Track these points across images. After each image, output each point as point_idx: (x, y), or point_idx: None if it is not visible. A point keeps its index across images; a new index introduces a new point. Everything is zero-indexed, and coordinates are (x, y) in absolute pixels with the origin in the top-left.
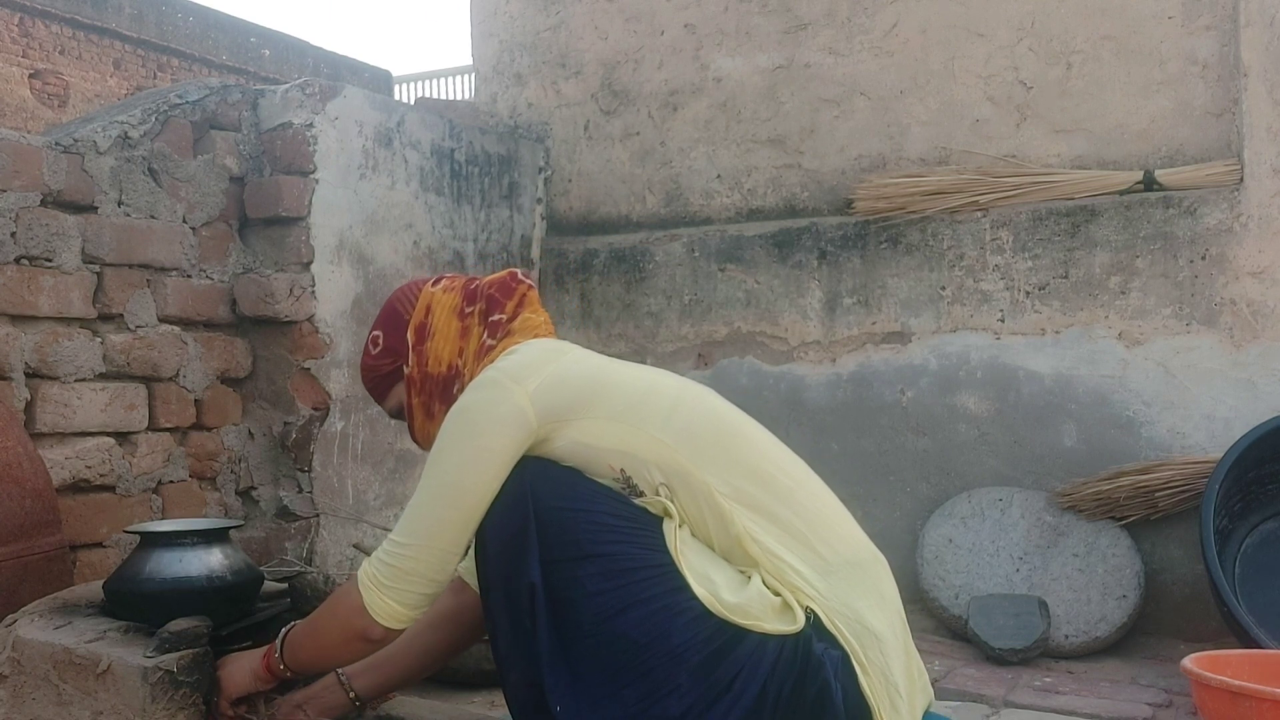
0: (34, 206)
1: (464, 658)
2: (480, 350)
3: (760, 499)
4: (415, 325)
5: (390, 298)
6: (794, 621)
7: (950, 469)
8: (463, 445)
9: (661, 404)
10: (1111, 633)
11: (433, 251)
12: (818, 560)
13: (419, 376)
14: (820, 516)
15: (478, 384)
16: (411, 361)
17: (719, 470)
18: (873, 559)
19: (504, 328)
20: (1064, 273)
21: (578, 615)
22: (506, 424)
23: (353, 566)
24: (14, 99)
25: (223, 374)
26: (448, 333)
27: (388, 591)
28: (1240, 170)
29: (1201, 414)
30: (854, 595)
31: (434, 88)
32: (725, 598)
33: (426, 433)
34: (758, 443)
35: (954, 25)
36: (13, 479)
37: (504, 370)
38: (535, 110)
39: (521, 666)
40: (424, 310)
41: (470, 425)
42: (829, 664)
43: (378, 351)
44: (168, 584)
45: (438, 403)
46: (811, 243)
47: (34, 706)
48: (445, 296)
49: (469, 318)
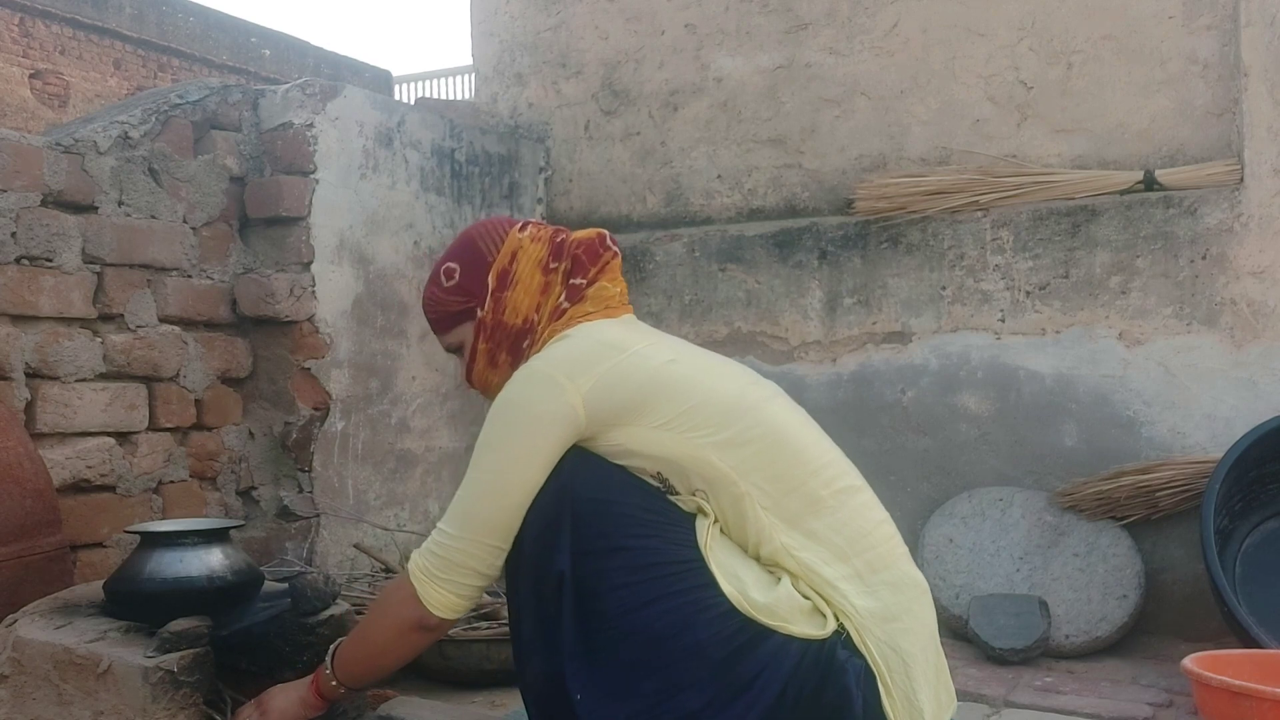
0: (34, 206)
1: (464, 657)
2: (555, 311)
3: (802, 514)
4: (498, 270)
5: (470, 233)
6: (822, 627)
7: (951, 469)
8: (512, 441)
9: (714, 413)
10: (1112, 632)
11: (433, 251)
12: (855, 579)
13: (492, 323)
14: (863, 535)
15: (530, 377)
16: (488, 306)
17: (764, 482)
18: (912, 583)
19: (581, 293)
20: (1064, 272)
21: (603, 606)
22: (556, 422)
23: (353, 567)
24: (14, 99)
25: (223, 374)
26: (530, 285)
27: (440, 583)
28: (1241, 170)
29: (1202, 413)
30: (888, 616)
31: (434, 88)
32: (753, 596)
33: (485, 379)
34: (810, 455)
35: (954, 25)
36: (13, 479)
37: (558, 365)
38: (536, 110)
39: (543, 655)
40: (509, 256)
41: (521, 421)
42: (851, 671)
43: (450, 286)
44: (168, 584)
45: (505, 353)
46: (812, 243)
47: (35, 706)
48: (532, 247)
49: (552, 274)
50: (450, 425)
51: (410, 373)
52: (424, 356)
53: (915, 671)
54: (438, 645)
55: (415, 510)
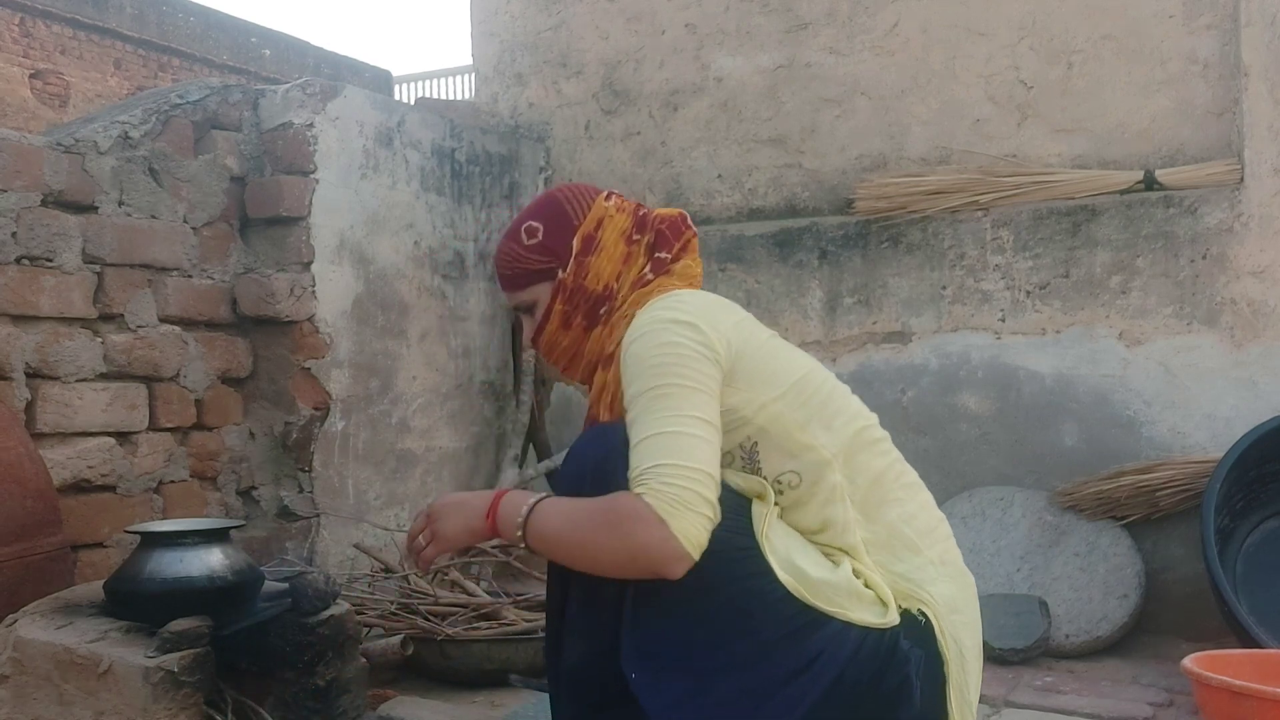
0: (35, 206)
1: (464, 657)
2: (638, 281)
3: (880, 506)
4: (584, 234)
5: (556, 195)
6: (883, 616)
7: (951, 469)
8: (684, 377)
9: (819, 398)
10: (1113, 632)
11: (433, 251)
12: (930, 566)
13: (573, 286)
14: (930, 530)
15: (671, 322)
16: (570, 269)
17: (854, 473)
18: (969, 580)
19: (666, 266)
20: (1065, 272)
21: (661, 590)
22: (706, 361)
23: (354, 567)
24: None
25: (224, 374)
26: (613, 254)
27: (694, 516)
28: (1241, 170)
29: (1202, 413)
30: (954, 608)
31: (434, 88)
32: (811, 583)
33: (555, 340)
34: (885, 448)
35: (955, 25)
36: (14, 479)
37: (691, 313)
38: (536, 110)
39: (589, 635)
40: (596, 223)
41: (684, 357)
42: (914, 661)
43: (532, 244)
44: (169, 584)
45: (581, 316)
46: (812, 242)
47: (35, 706)
48: (618, 216)
49: (635, 244)
50: (450, 425)
51: (410, 373)
52: (424, 356)
53: (970, 667)
54: (438, 645)
55: (415, 510)
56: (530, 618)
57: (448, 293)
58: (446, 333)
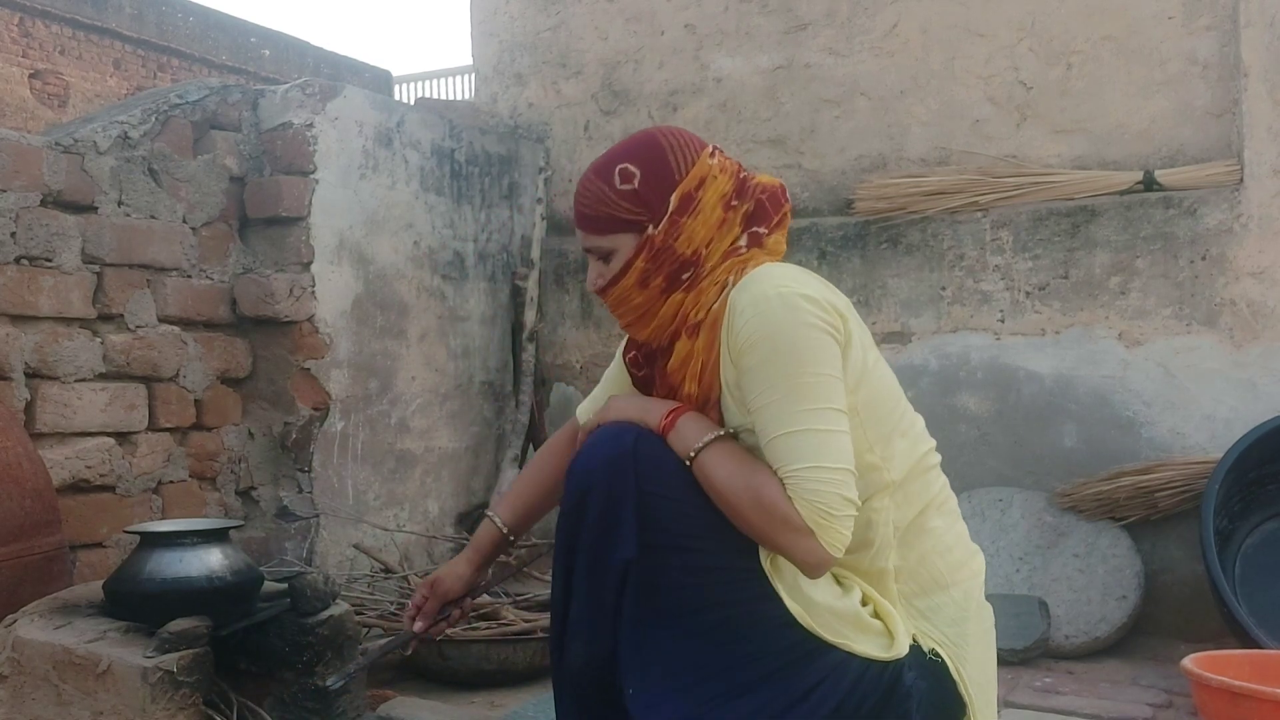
0: (34, 206)
1: (464, 658)
2: (730, 250)
3: (918, 535)
4: (684, 192)
5: (659, 140)
6: (889, 648)
7: (950, 469)
8: (821, 364)
9: (894, 415)
10: (1112, 633)
11: (433, 251)
12: (950, 605)
13: (662, 245)
14: (962, 564)
15: (807, 300)
16: (663, 226)
17: (904, 501)
18: (988, 611)
19: (762, 240)
20: (1064, 273)
21: (659, 603)
22: (835, 343)
23: (353, 567)
24: (14, 99)
25: (223, 374)
26: (709, 218)
27: (841, 521)
28: (1240, 170)
29: (1202, 414)
30: (973, 642)
31: (434, 88)
32: (816, 611)
33: (625, 297)
34: (939, 476)
35: (954, 25)
36: (13, 479)
37: (818, 290)
38: (535, 110)
39: (590, 639)
40: (697, 181)
41: (818, 342)
42: (915, 696)
43: (626, 190)
44: (168, 584)
45: (662, 278)
46: (812, 243)
47: (34, 706)
48: (721, 178)
49: (732, 210)
50: (450, 425)
51: (410, 373)
52: (424, 356)
53: (991, 698)
54: (437, 645)
55: (414, 510)
56: (529, 618)
57: (447, 293)
58: (446, 333)
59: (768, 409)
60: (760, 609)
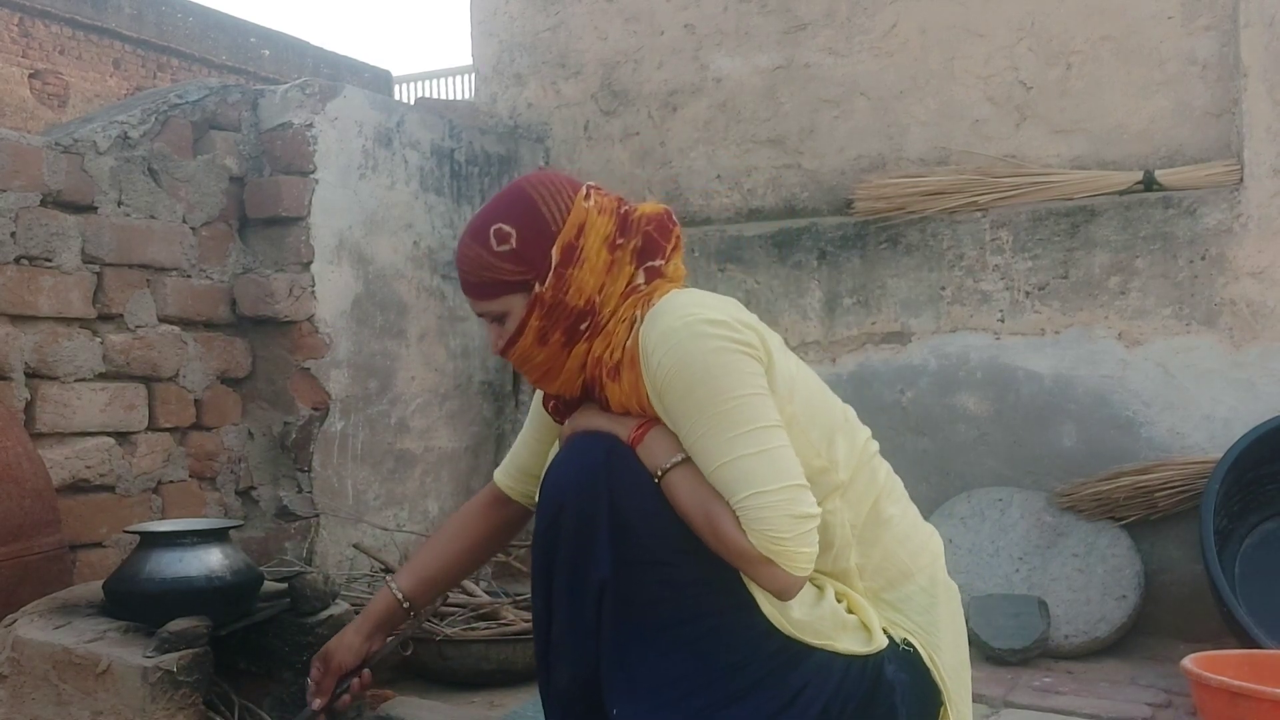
0: (34, 206)
1: (463, 658)
2: (628, 290)
3: (875, 529)
4: (564, 244)
5: (527, 192)
6: (867, 643)
7: (950, 469)
8: (740, 386)
9: (830, 412)
10: (1111, 633)
11: (433, 251)
12: (919, 593)
13: (552, 301)
14: (921, 548)
15: (709, 322)
16: (549, 282)
17: (855, 499)
18: (954, 594)
19: (659, 273)
20: (1063, 273)
21: (640, 619)
22: (753, 360)
23: (353, 567)
24: (14, 99)
25: (222, 374)
26: (596, 264)
27: (796, 541)
28: (1240, 170)
29: (1201, 414)
30: (944, 627)
31: (434, 88)
32: (794, 615)
33: (527, 356)
34: (882, 462)
35: (953, 25)
36: (12, 479)
37: (721, 311)
38: (535, 110)
39: (574, 660)
40: (576, 230)
41: (739, 366)
42: (899, 688)
43: (504, 251)
44: (167, 584)
45: (560, 332)
46: (811, 243)
47: (33, 706)
48: (600, 220)
49: (619, 250)
50: (449, 425)
51: (409, 373)
52: (423, 356)
53: (965, 680)
54: (436, 645)
55: (414, 510)
56: (529, 618)
57: (447, 293)
58: (445, 333)
59: (699, 443)
60: (741, 618)
